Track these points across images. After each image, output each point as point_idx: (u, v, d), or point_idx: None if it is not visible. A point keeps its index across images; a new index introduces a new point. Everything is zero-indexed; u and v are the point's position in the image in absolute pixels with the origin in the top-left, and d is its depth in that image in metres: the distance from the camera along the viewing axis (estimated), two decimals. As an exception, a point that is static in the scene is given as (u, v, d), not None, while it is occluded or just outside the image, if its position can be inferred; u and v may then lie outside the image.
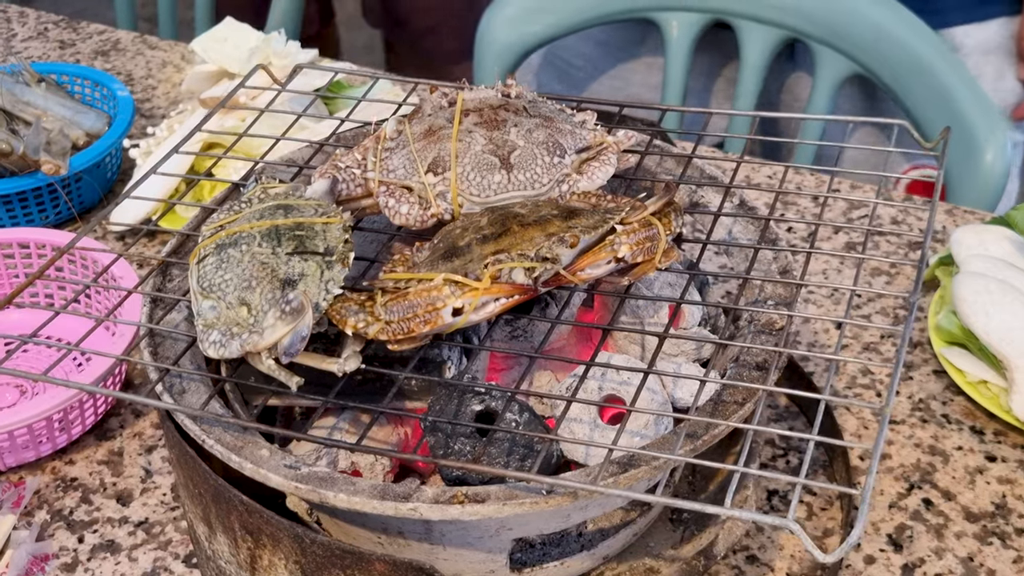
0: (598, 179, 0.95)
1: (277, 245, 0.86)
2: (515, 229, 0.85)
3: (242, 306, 0.83)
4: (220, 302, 0.84)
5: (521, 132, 0.95)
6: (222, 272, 0.85)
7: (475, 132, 0.95)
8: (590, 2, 1.70)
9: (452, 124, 0.95)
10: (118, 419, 1.18)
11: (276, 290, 0.83)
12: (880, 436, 0.73)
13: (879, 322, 1.28)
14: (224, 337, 0.82)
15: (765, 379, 0.85)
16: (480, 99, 0.98)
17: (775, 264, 0.97)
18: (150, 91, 1.70)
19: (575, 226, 0.85)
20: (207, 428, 0.83)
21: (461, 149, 0.94)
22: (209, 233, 0.91)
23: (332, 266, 0.85)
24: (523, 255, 0.83)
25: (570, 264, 0.85)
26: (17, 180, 1.37)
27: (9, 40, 1.86)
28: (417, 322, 0.80)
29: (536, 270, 0.83)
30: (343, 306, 0.83)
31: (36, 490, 1.11)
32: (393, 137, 0.97)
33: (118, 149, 1.46)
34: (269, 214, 0.90)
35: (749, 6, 1.63)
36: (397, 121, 0.98)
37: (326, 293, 0.83)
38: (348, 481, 0.79)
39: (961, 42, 1.63)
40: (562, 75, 1.85)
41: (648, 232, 0.86)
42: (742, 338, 0.92)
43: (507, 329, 0.96)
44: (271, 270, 0.84)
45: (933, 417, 1.17)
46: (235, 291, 0.84)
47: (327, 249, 0.86)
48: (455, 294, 0.80)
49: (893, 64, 1.55)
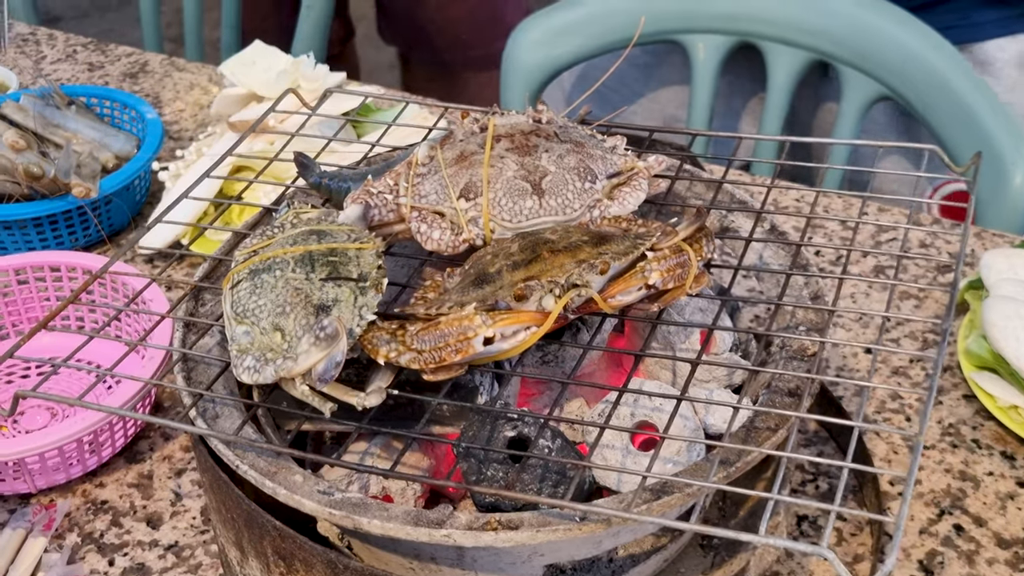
0: (629, 204, 0.95)
1: (311, 271, 0.86)
2: (545, 255, 0.85)
3: (276, 332, 0.83)
4: (254, 327, 0.84)
5: (552, 157, 0.95)
6: (256, 297, 0.86)
7: (507, 158, 0.95)
8: (616, 25, 1.70)
9: (484, 150, 0.96)
10: (148, 442, 1.18)
11: (310, 316, 0.83)
12: (913, 465, 0.73)
13: (908, 346, 1.28)
14: (258, 363, 0.82)
15: (798, 406, 0.85)
16: (511, 124, 0.99)
17: (806, 290, 0.97)
18: (178, 113, 1.72)
19: (606, 252, 0.85)
20: (240, 453, 0.83)
21: (493, 175, 0.94)
22: (243, 258, 0.91)
23: (366, 292, 0.85)
24: (553, 282, 0.83)
25: (601, 291, 0.85)
26: (48, 203, 1.38)
27: (39, 62, 1.88)
28: (448, 351, 0.80)
29: (567, 297, 0.83)
30: (375, 335, 0.83)
31: (67, 513, 1.11)
32: (425, 163, 0.97)
33: (147, 172, 1.47)
34: (303, 239, 0.90)
35: (776, 29, 1.63)
36: (429, 147, 0.98)
37: (360, 319, 0.84)
38: (381, 507, 0.79)
39: (995, 56, 1.62)
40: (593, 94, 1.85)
41: (679, 258, 0.86)
42: (774, 364, 0.92)
43: (538, 354, 0.96)
44: (305, 296, 0.84)
45: (963, 442, 1.17)
46: (269, 316, 0.84)
47: (361, 275, 0.87)
48: (486, 323, 0.80)
49: (920, 86, 1.55)
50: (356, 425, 0.84)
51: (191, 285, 0.99)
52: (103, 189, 1.39)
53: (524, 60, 1.73)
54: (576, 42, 1.71)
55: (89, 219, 1.41)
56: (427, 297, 0.89)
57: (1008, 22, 1.62)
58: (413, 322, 0.84)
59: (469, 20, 2.60)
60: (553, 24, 1.72)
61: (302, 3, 2.03)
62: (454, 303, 0.83)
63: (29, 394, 0.85)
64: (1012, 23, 1.62)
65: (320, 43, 2.05)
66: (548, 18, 1.73)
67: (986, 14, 1.61)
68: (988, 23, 1.61)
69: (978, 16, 1.61)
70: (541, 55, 1.73)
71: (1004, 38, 1.62)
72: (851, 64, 1.60)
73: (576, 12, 1.71)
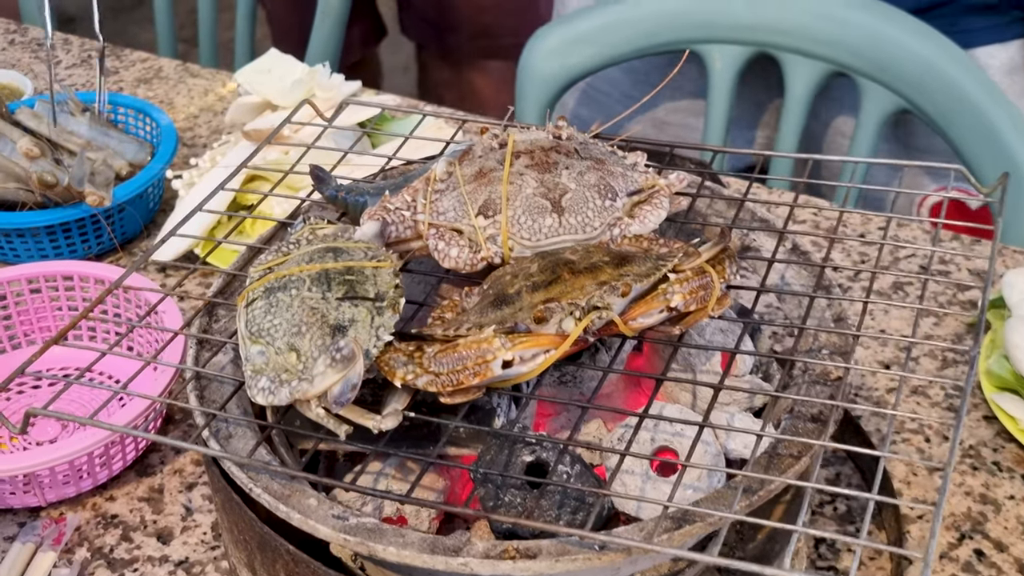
0: (650, 223, 0.94)
1: (327, 290, 0.85)
2: (566, 277, 0.84)
3: (291, 352, 0.82)
4: (269, 347, 0.83)
5: (572, 175, 0.94)
6: (271, 317, 0.84)
7: (526, 175, 0.94)
8: (632, 34, 1.69)
9: (503, 166, 0.95)
10: (159, 455, 1.17)
11: (326, 336, 0.82)
12: (941, 499, 0.72)
13: (927, 364, 1.26)
14: (273, 384, 0.81)
15: (821, 432, 0.84)
16: (531, 140, 0.97)
17: (829, 311, 0.96)
18: (192, 119, 1.71)
19: (627, 274, 0.84)
20: (254, 476, 0.82)
21: (512, 192, 0.93)
22: (257, 275, 0.90)
23: (383, 312, 0.84)
24: (574, 304, 0.82)
25: (622, 313, 0.84)
26: (61, 211, 1.37)
27: (54, 67, 1.86)
28: (467, 374, 0.79)
29: (587, 320, 0.81)
30: (392, 357, 0.81)
31: (77, 527, 1.10)
32: (443, 179, 0.96)
33: (161, 180, 1.46)
34: (319, 257, 0.89)
35: (793, 40, 1.62)
36: (447, 162, 0.97)
37: (376, 340, 0.83)
38: (397, 533, 0.78)
39: (986, 63, 1.61)
40: (602, 106, 1.84)
41: (702, 280, 0.85)
42: (796, 388, 0.90)
43: (556, 374, 0.94)
44: (321, 315, 0.83)
45: (984, 465, 1.15)
46: (284, 336, 0.83)
47: (378, 294, 0.85)
48: (505, 346, 0.79)
49: (939, 99, 1.53)
50: (372, 448, 0.83)
51: (205, 301, 0.97)
52: (116, 197, 1.38)
53: (539, 69, 1.72)
54: (591, 51, 1.70)
55: (102, 227, 1.40)
56: (445, 317, 0.88)
57: (998, 29, 1.61)
58: (431, 343, 0.82)
59: (499, 8, 2.59)
60: (569, 33, 1.71)
61: (317, 10, 2.02)
62: (473, 324, 0.82)
63: (40, 412, 0.84)
64: (1002, 30, 1.61)
65: (335, 50, 2.04)
66: (564, 27, 1.71)
67: (976, 21, 1.60)
68: (978, 30, 1.60)
69: (968, 23, 1.60)
70: (556, 64, 1.72)
71: (994, 45, 1.61)
72: (869, 76, 1.58)
73: (592, 21, 1.70)
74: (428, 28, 2.67)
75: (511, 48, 2.64)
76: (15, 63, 1.87)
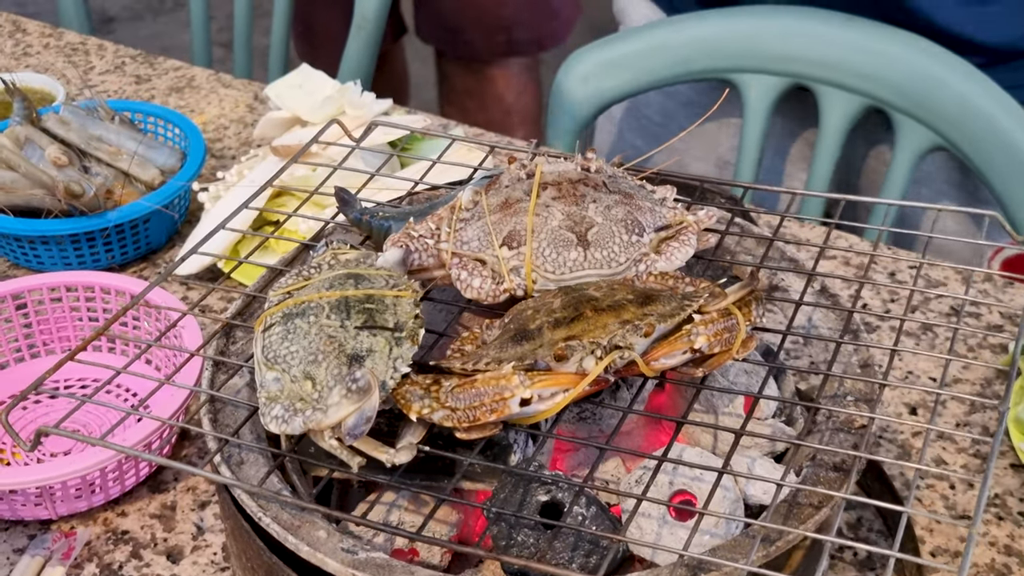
0: (676, 260, 0.92)
1: (346, 318, 0.84)
2: (588, 314, 0.82)
3: (307, 380, 0.81)
4: (284, 375, 0.82)
5: (600, 208, 0.92)
6: (288, 343, 0.83)
7: (553, 207, 0.92)
8: (666, 60, 1.67)
9: (529, 197, 0.93)
10: (172, 471, 1.16)
11: (343, 366, 0.81)
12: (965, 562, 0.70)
13: (955, 408, 1.24)
14: (287, 412, 0.80)
15: (843, 483, 0.82)
16: (559, 172, 0.96)
17: (856, 356, 0.94)
18: (222, 131, 1.70)
19: (651, 313, 0.83)
20: (264, 505, 0.81)
21: (538, 224, 0.91)
22: (276, 300, 0.89)
23: (401, 343, 0.83)
24: (595, 343, 0.80)
25: (644, 353, 0.82)
26: (86, 220, 1.36)
27: (87, 73, 1.87)
28: (484, 411, 0.78)
29: (608, 359, 0.80)
30: (408, 390, 0.80)
31: (87, 542, 1.09)
32: (469, 208, 0.95)
33: (187, 191, 1.45)
34: (339, 283, 0.88)
35: (831, 72, 1.60)
36: (474, 191, 0.96)
37: (394, 371, 0.81)
38: (406, 570, 0.77)
39: None
40: (643, 130, 1.82)
41: (727, 322, 0.83)
42: (819, 435, 0.89)
43: (575, 411, 0.93)
44: (339, 344, 0.82)
45: (1010, 515, 1.13)
46: (300, 364, 0.82)
47: (397, 324, 0.84)
48: (524, 384, 0.78)
49: (979, 140, 1.51)
50: (386, 479, 0.82)
51: (223, 323, 0.96)
52: (142, 208, 1.38)
53: (572, 93, 1.70)
54: (625, 76, 1.68)
55: (126, 237, 1.40)
56: (464, 350, 0.87)
57: None
58: (448, 377, 0.81)
59: (517, 2, 2.61)
60: (603, 57, 1.69)
61: (352, 24, 2.01)
62: (492, 359, 0.81)
63: (52, 431, 0.83)
64: None
65: (369, 65, 2.04)
66: (598, 51, 1.70)
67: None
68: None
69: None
70: (590, 89, 1.70)
71: None
72: (907, 112, 1.56)
73: (627, 46, 1.69)
74: (444, 31, 2.67)
75: (530, 43, 2.66)
76: (48, 67, 1.87)
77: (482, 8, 2.58)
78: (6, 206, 1.37)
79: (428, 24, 2.68)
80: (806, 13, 1.61)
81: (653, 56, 1.68)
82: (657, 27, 1.70)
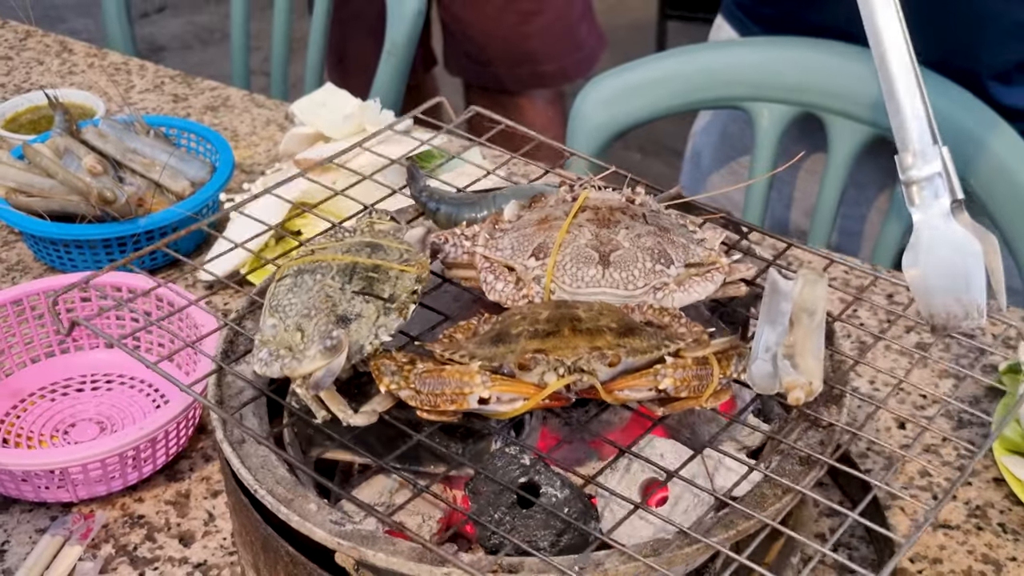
0: (694, 294, 0.96)
1: (348, 281, 0.91)
2: (565, 333, 0.86)
3: (297, 331, 0.88)
4: (280, 323, 0.89)
5: (630, 235, 0.97)
6: (291, 295, 0.91)
7: (585, 227, 0.98)
8: (682, 88, 1.73)
9: (566, 216, 0.99)
10: (188, 461, 1.22)
11: (330, 324, 0.87)
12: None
13: (942, 423, 1.28)
14: (270, 357, 0.87)
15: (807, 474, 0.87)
16: (603, 199, 1.02)
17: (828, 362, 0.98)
18: (252, 147, 1.78)
19: (624, 345, 0.86)
20: (260, 478, 0.87)
21: (567, 240, 0.97)
22: (301, 253, 0.96)
23: (389, 313, 0.89)
24: (560, 361, 0.84)
25: (609, 381, 0.86)
26: (118, 225, 1.44)
27: (128, 91, 1.95)
28: (444, 399, 0.83)
29: (568, 379, 0.84)
30: (384, 363, 0.86)
31: (104, 524, 1.15)
32: (512, 220, 1.01)
33: (215, 201, 1.52)
34: (356, 250, 0.94)
35: (840, 102, 1.65)
36: (519, 206, 1.02)
37: (374, 338, 0.88)
38: (389, 541, 0.82)
39: None
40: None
41: (699, 371, 0.86)
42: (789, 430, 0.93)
43: (563, 416, 0.98)
44: (333, 304, 0.89)
45: (989, 525, 1.16)
46: (296, 316, 0.89)
47: (391, 296, 0.90)
48: (484, 384, 0.83)
49: (981, 172, 1.55)
50: (376, 462, 0.88)
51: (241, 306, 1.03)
52: (171, 216, 1.45)
53: (590, 117, 1.76)
54: (641, 103, 1.74)
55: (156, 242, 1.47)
56: (455, 337, 0.92)
57: None
58: (424, 360, 0.87)
59: (543, 34, 2.65)
60: (620, 84, 1.75)
61: (383, 49, 2.08)
62: (467, 353, 0.86)
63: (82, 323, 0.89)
64: None
65: (399, 90, 2.11)
66: (616, 78, 1.76)
67: None
68: None
69: None
70: (607, 114, 1.76)
71: None
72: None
73: (644, 73, 1.74)
74: (471, 62, 2.72)
75: (555, 74, 2.69)
76: (91, 85, 1.96)
77: (508, 41, 2.63)
78: (44, 211, 1.44)
79: (455, 56, 2.74)
80: (820, 45, 1.66)
81: (668, 84, 1.73)
82: (673, 56, 1.76)
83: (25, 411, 1.27)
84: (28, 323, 1.31)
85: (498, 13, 2.59)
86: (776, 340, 0.87)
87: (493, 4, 2.59)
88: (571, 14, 2.67)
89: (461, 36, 2.68)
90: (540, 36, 2.62)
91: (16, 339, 1.31)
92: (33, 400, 1.28)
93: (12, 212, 1.45)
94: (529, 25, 2.61)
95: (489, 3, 2.59)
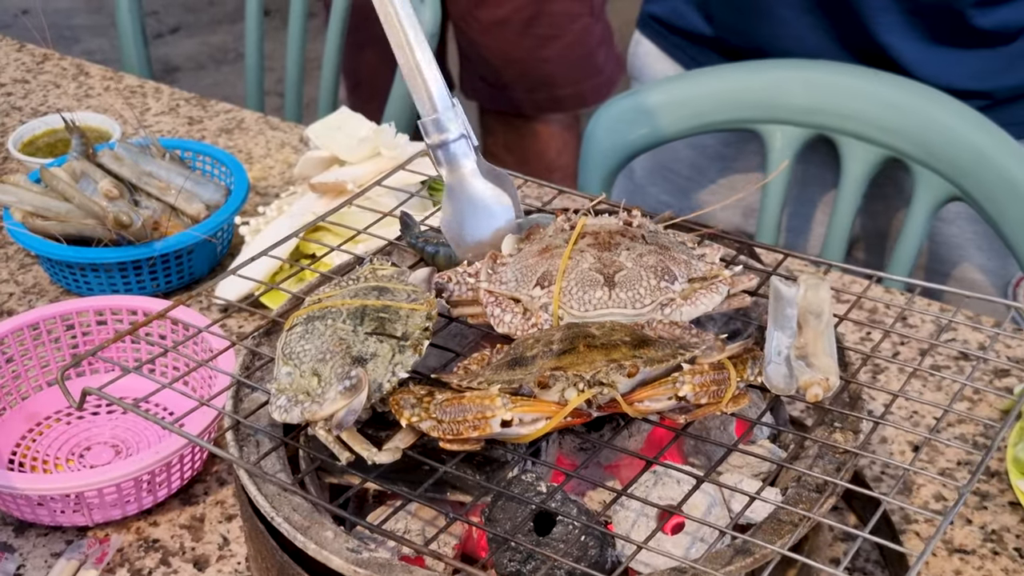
0: (702, 306, 0.97)
1: (359, 324, 0.91)
2: (581, 349, 0.87)
3: (313, 376, 0.88)
4: (296, 369, 0.89)
5: (632, 255, 0.98)
6: (304, 342, 0.91)
7: (587, 251, 0.98)
8: (693, 111, 1.73)
9: (567, 244, 0.99)
10: (203, 485, 1.23)
11: (346, 365, 0.88)
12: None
13: (958, 446, 1.27)
14: (289, 403, 0.88)
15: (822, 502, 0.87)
16: (601, 224, 1.03)
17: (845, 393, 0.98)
18: (267, 170, 1.78)
19: (640, 356, 0.87)
20: (277, 506, 0.87)
21: (570, 266, 0.97)
22: (308, 303, 0.96)
23: (404, 351, 0.90)
24: (579, 376, 0.85)
25: (629, 393, 0.87)
26: (133, 249, 1.44)
27: (143, 114, 1.97)
28: (466, 426, 0.84)
29: (589, 393, 0.85)
30: (403, 397, 0.86)
31: (119, 548, 1.16)
32: (511, 253, 1.02)
33: (230, 225, 1.53)
34: (363, 294, 0.95)
35: (852, 124, 1.65)
36: (517, 240, 1.03)
37: (392, 375, 0.88)
38: (406, 569, 0.82)
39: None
40: (669, 183, 1.88)
41: (717, 375, 0.86)
42: (806, 459, 0.93)
43: (576, 442, 0.98)
44: (347, 346, 0.89)
45: (1005, 550, 1.16)
46: (311, 361, 0.89)
47: (404, 334, 0.91)
48: (506, 406, 0.83)
49: (991, 190, 1.55)
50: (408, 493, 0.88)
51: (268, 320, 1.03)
52: (187, 239, 1.46)
53: (602, 140, 1.77)
54: (653, 126, 1.75)
55: (171, 266, 1.48)
56: (469, 368, 0.93)
57: None
58: (442, 390, 0.87)
59: (561, 59, 2.65)
60: (632, 107, 1.76)
61: (397, 72, 2.09)
62: (484, 380, 0.87)
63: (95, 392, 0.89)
64: None
65: (413, 113, 2.11)
66: (627, 101, 1.77)
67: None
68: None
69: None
70: (619, 136, 1.77)
71: None
72: (923, 163, 1.61)
73: (655, 97, 1.75)
74: (487, 86, 2.72)
75: (572, 98, 2.69)
76: (107, 108, 1.97)
77: (525, 65, 2.63)
78: (60, 235, 1.45)
79: (471, 79, 2.75)
80: (830, 67, 1.67)
81: (679, 107, 1.74)
82: (685, 79, 1.77)
83: (41, 434, 1.28)
84: (44, 346, 1.32)
85: (516, 38, 2.59)
86: (787, 343, 0.89)
87: (511, 29, 2.59)
88: (589, 40, 2.66)
89: (477, 60, 2.69)
90: (558, 61, 2.62)
91: (33, 362, 1.31)
92: (49, 423, 1.29)
93: (29, 235, 1.46)
94: (547, 49, 2.61)
95: (507, 28, 2.59)
